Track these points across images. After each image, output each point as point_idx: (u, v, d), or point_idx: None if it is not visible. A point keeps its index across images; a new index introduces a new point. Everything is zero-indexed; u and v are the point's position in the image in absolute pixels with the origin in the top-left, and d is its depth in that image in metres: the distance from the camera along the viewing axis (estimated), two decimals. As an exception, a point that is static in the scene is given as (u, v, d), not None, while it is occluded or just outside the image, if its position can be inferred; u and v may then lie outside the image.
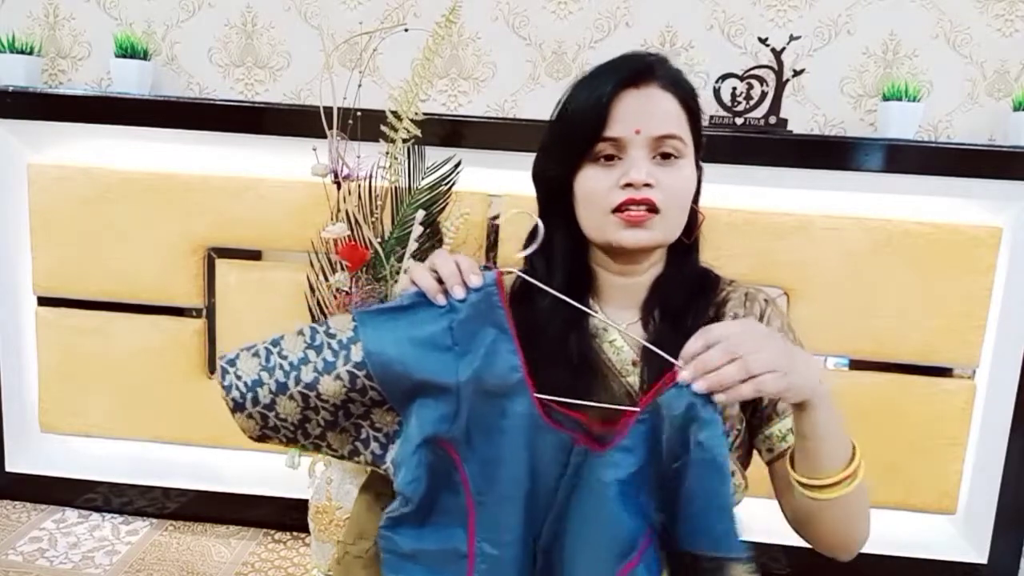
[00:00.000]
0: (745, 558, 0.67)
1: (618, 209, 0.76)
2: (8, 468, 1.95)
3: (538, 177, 0.86)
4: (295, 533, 1.87)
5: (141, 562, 1.73)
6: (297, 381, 0.71)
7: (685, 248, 0.86)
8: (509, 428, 0.70)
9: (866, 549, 0.76)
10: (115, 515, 1.92)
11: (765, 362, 0.63)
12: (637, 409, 0.67)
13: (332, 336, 0.72)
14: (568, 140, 0.79)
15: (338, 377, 0.70)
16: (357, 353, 0.70)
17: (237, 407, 0.72)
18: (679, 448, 0.65)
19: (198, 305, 1.87)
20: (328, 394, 0.71)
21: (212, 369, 1.90)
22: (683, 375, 0.65)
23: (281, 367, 0.72)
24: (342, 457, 0.75)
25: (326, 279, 1.54)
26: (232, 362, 0.73)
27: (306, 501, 1.62)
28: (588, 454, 0.69)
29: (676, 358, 0.67)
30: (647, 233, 0.76)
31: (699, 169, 0.85)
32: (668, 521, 0.68)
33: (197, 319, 1.88)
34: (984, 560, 1.75)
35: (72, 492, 1.93)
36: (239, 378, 0.73)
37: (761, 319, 0.85)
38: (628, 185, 0.75)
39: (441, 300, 0.70)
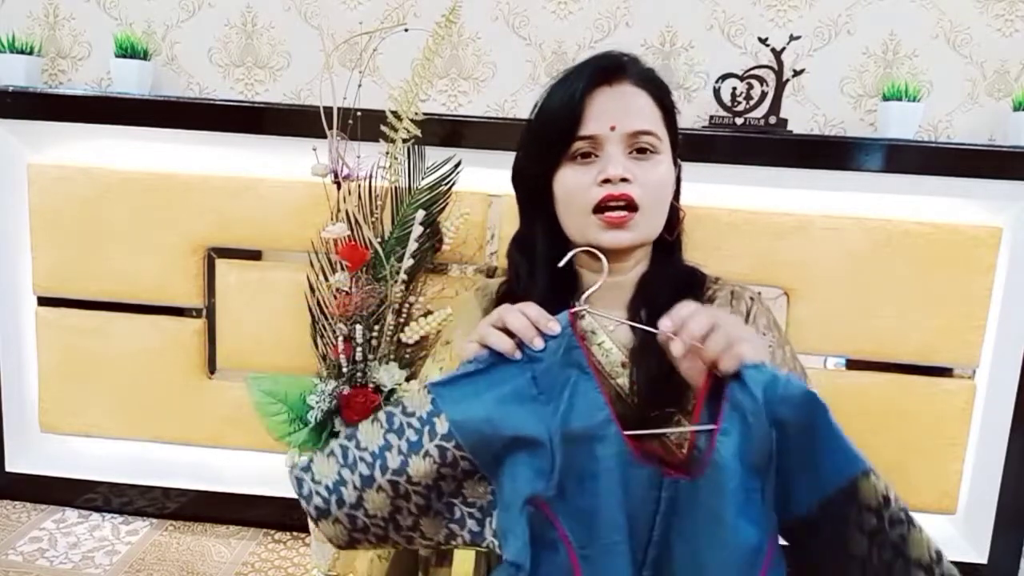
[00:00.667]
0: (870, 467, 0.65)
1: (598, 208, 0.76)
2: (8, 468, 1.95)
3: (517, 179, 0.87)
4: (295, 533, 1.87)
5: (141, 562, 1.73)
6: (384, 470, 0.67)
7: (669, 245, 0.86)
8: (602, 472, 0.67)
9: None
10: (115, 515, 1.92)
11: (746, 338, 0.64)
12: (714, 427, 0.66)
13: (411, 415, 0.68)
14: (544, 140, 0.80)
15: (427, 455, 0.67)
16: (442, 425, 0.67)
17: (321, 514, 0.69)
18: (767, 428, 0.64)
19: (198, 305, 1.87)
20: (419, 475, 0.67)
21: (212, 369, 1.90)
22: (675, 346, 0.66)
23: (363, 459, 0.68)
24: (438, 544, 0.71)
25: (326, 279, 1.54)
26: (306, 468, 0.70)
27: (306, 501, 1.62)
28: (680, 484, 0.67)
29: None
30: (628, 234, 0.77)
31: (677, 166, 0.85)
32: (784, 500, 0.65)
33: (197, 319, 1.88)
34: (984, 560, 1.75)
35: (72, 492, 1.93)
36: (318, 483, 0.69)
37: (747, 317, 0.85)
38: (606, 181, 0.76)
39: (518, 355, 0.67)
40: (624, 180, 0.76)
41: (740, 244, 1.66)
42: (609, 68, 0.79)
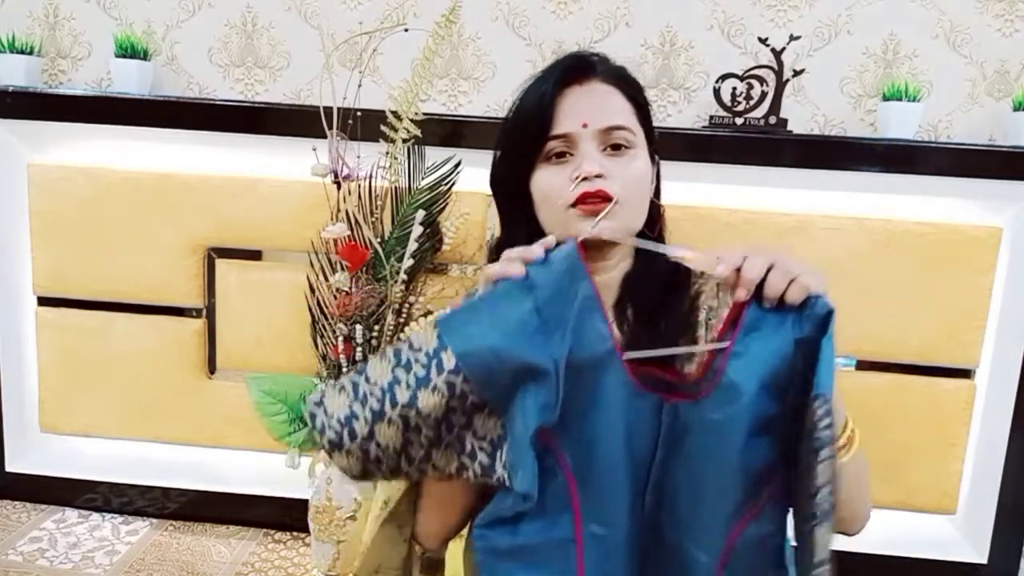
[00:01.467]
0: (829, 397, 0.64)
1: (576, 203, 0.76)
2: (8, 468, 1.95)
3: (495, 184, 0.87)
4: (295, 533, 1.87)
5: (141, 562, 1.73)
6: (393, 404, 0.67)
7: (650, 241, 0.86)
8: (604, 402, 0.67)
9: (866, 549, 0.76)
10: (115, 515, 1.92)
11: (805, 269, 0.65)
12: (726, 344, 0.66)
13: (418, 350, 0.68)
14: (518, 142, 0.80)
15: (435, 389, 0.67)
16: (449, 360, 0.66)
17: (334, 446, 0.69)
18: (788, 357, 0.64)
19: (198, 305, 1.87)
20: (428, 408, 0.67)
21: (212, 369, 1.90)
22: (739, 293, 0.66)
23: (372, 394, 0.68)
24: (450, 477, 0.71)
25: (326, 279, 1.54)
26: (319, 403, 0.70)
27: (306, 501, 1.62)
28: (680, 409, 0.67)
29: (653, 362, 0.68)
30: (607, 223, 0.76)
31: (655, 162, 0.85)
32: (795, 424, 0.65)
33: (197, 319, 1.88)
34: (984, 560, 1.75)
35: (72, 492, 1.93)
36: (330, 416, 0.69)
37: None
38: (582, 179, 0.75)
39: (519, 269, 0.67)
40: (599, 176, 0.76)
41: (740, 244, 1.66)
42: (578, 67, 0.80)
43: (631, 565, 0.70)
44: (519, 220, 0.84)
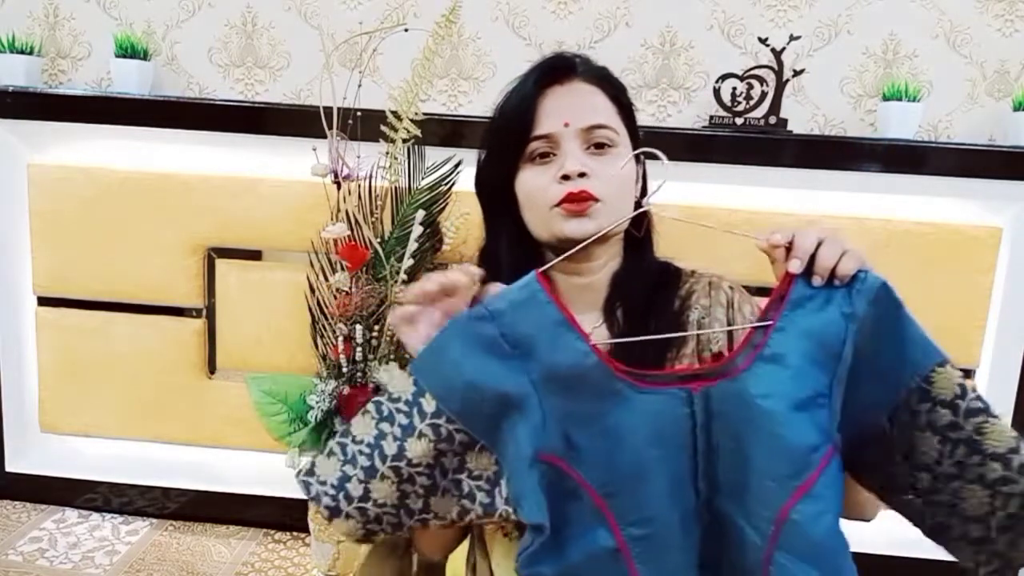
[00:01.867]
0: (947, 357, 0.65)
1: (559, 204, 0.76)
2: (8, 468, 1.95)
3: (480, 186, 0.86)
4: (295, 533, 1.87)
5: (141, 562, 1.73)
6: (383, 458, 0.67)
7: (638, 242, 0.85)
8: (608, 412, 0.66)
9: (866, 549, 0.76)
10: (115, 515, 1.92)
11: (851, 243, 0.66)
12: (769, 322, 0.66)
13: (397, 400, 0.68)
14: (501, 144, 0.80)
15: (421, 435, 0.67)
16: (429, 403, 0.67)
17: (333, 513, 0.69)
18: (837, 331, 0.64)
19: (198, 305, 1.87)
20: (417, 456, 0.67)
21: (212, 369, 1.90)
22: (792, 264, 0.66)
23: (362, 452, 0.68)
24: (453, 523, 0.70)
25: (326, 279, 1.54)
26: (310, 471, 0.70)
27: (306, 501, 1.62)
28: (713, 392, 0.66)
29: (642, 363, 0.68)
30: (591, 222, 0.76)
31: (640, 163, 0.85)
32: (852, 413, 0.65)
33: (197, 319, 1.88)
34: (984, 560, 1.75)
35: (72, 492, 1.93)
36: (323, 483, 0.69)
37: (730, 306, 0.84)
38: (564, 178, 0.75)
39: (432, 285, 0.70)
40: (583, 175, 0.75)
41: (740, 244, 1.65)
42: (559, 67, 0.80)
43: (688, 554, 0.69)
44: (503, 222, 0.83)
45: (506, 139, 0.79)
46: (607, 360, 0.67)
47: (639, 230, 0.85)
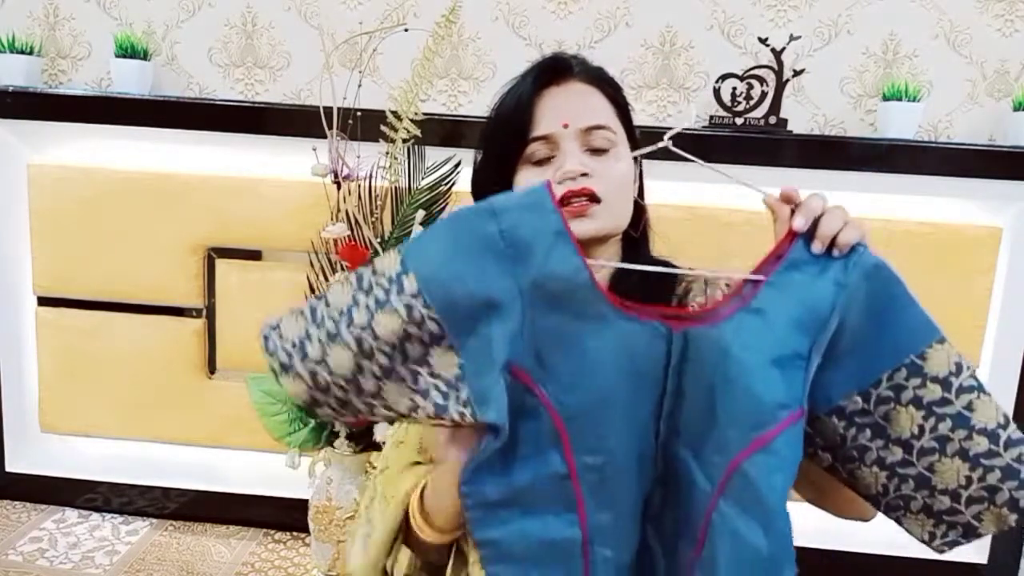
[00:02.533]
0: (944, 335, 0.65)
1: (559, 204, 0.76)
2: (8, 468, 1.95)
3: (477, 189, 0.86)
4: (295, 533, 1.87)
5: (141, 562, 1.73)
6: (349, 325, 0.64)
7: (635, 241, 0.85)
8: (587, 333, 0.65)
9: (867, 549, 0.76)
10: (115, 515, 1.92)
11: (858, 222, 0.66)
12: (761, 278, 0.65)
13: (381, 274, 0.65)
14: (499, 146, 0.79)
15: (393, 311, 0.64)
16: (411, 283, 0.64)
17: (284, 368, 0.66)
18: (827, 298, 0.63)
19: (198, 305, 1.87)
20: (384, 331, 0.64)
21: (212, 369, 1.90)
22: (797, 221, 0.66)
23: (331, 317, 0.65)
24: (400, 416, 0.68)
25: (326, 279, 1.54)
26: (275, 327, 0.67)
27: (306, 501, 1.62)
28: (692, 335, 0.65)
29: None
30: (592, 223, 0.76)
31: (638, 163, 0.85)
32: (823, 376, 0.64)
33: (197, 319, 1.88)
34: (984, 560, 1.75)
35: (72, 492, 1.93)
36: (284, 339, 0.66)
37: None
38: (566, 178, 0.75)
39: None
40: (583, 175, 0.75)
41: (740, 244, 1.66)
42: (556, 68, 0.79)
43: (635, 494, 0.68)
44: None
45: (504, 141, 0.79)
46: (598, 282, 0.66)
47: (636, 229, 0.85)
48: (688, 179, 1.58)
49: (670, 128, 0.84)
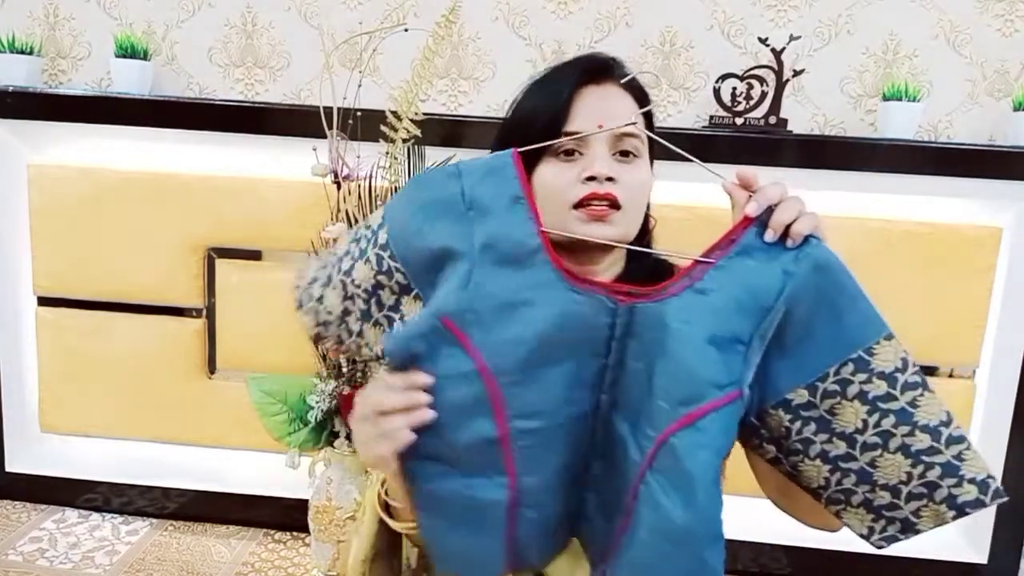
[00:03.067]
0: (891, 331, 0.65)
1: (580, 204, 0.75)
2: (8, 468, 1.95)
3: None
4: (295, 533, 1.87)
5: (141, 562, 1.73)
6: (339, 270, 0.74)
7: (640, 245, 0.86)
8: (533, 299, 0.66)
9: (867, 549, 0.76)
10: (115, 515, 1.92)
11: (814, 211, 0.67)
12: (711, 260, 0.66)
13: (368, 227, 0.74)
14: (528, 135, 0.79)
15: (367, 261, 0.72)
16: (383, 236, 0.71)
17: (297, 305, 0.77)
18: (774, 285, 0.64)
19: (198, 305, 1.87)
20: (360, 278, 0.73)
21: (212, 369, 1.90)
22: (750, 206, 0.67)
23: (331, 263, 0.76)
24: (377, 357, 0.74)
25: (326, 279, 1.54)
26: (302, 272, 0.78)
27: (306, 501, 1.62)
28: (638, 309, 0.67)
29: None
30: (611, 229, 0.76)
31: (652, 174, 0.85)
32: (766, 369, 0.65)
33: (197, 319, 1.88)
34: (984, 560, 1.75)
35: (72, 492, 1.93)
36: (301, 279, 0.77)
37: None
38: (590, 179, 0.75)
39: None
40: (609, 179, 0.75)
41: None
42: (597, 68, 0.79)
43: (567, 459, 0.69)
44: None
45: (535, 131, 0.78)
46: (550, 250, 0.68)
47: (642, 239, 0.85)
48: (688, 179, 1.58)
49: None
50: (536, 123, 0.78)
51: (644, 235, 0.85)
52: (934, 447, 0.64)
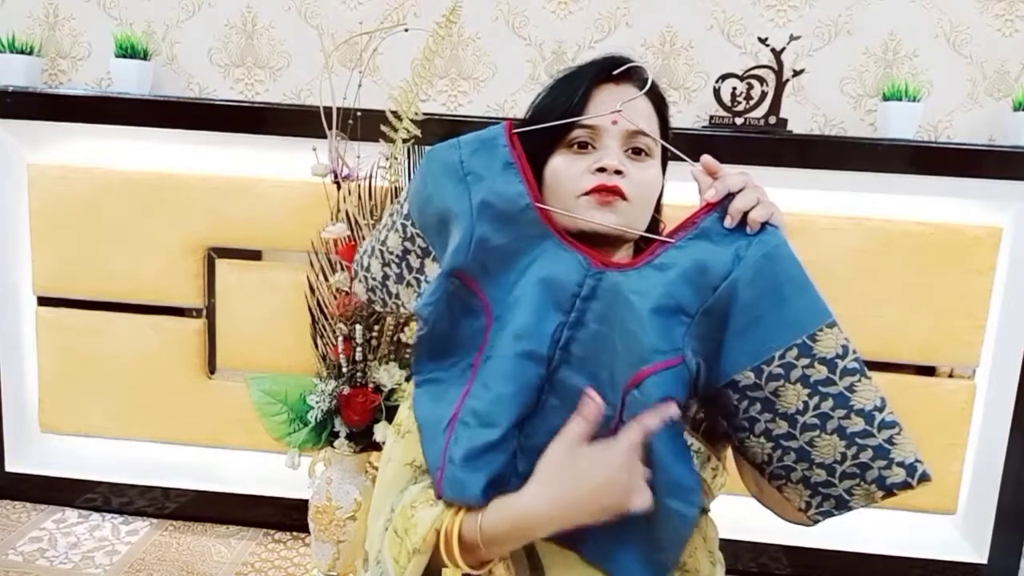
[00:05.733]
0: (835, 318, 0.68)
1: (587, 194, 0.77)
2: (8, 468, 1.95)
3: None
4: (295, 533, 1.87)
5: (141, 562, 1.73)
6: (379, 241, 0.86)
7: (647, 243, 0.87)
8: (523, 250, 0.76)
9: (867, 549, 0.76)
10: (115, 515, 1.92)
11: (774, 203, 0.72)
12: (671, 240, 0.72)
13: (399, 201, 0.85)
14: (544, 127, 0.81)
15: (396, 230, 0.84)
16: (406, 207, 0.83)
17: (353, 274, 0.91)
18: (724, 266, 0.68)
19: (198, 305, 1.87)
20: (392, 246, 0.84)
21: (212, 369, 1.90)
22: (709, 192, 0.72)
23: (375, 236, 0.88)
24: (412, 315, 0.83)
25: (326, 279, 1.54)
26: (361, 248, 0.91)
27: (306, 501, 1.62)
28: (605, 276, 0.73)
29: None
30: (615, 216, 0.78)
31: (664, 176, 0.87)
32: (716, 350, 0.69)
33: (197, 319, 1.88)
34: (984, 560, 1.75)
35: (72, 492, 1.93)
36: (361, 249, 0.90)
37: None
38: (600, 170, 0.77)
39: None
40: (619, 173, 0.77)
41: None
42: (617, 67, 0.82)
43: (518, 386, 0.74)
44: None
45: (551, 121, 0.81)
46: (539, 208, 0.76)
47: (648, 241, 0.86)
48: (688, 179, 1.58)
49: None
50: (553, 115, 0.80)
51: (652, 230, 0.86)
52: (867, 430, 0.68)
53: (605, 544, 0.74)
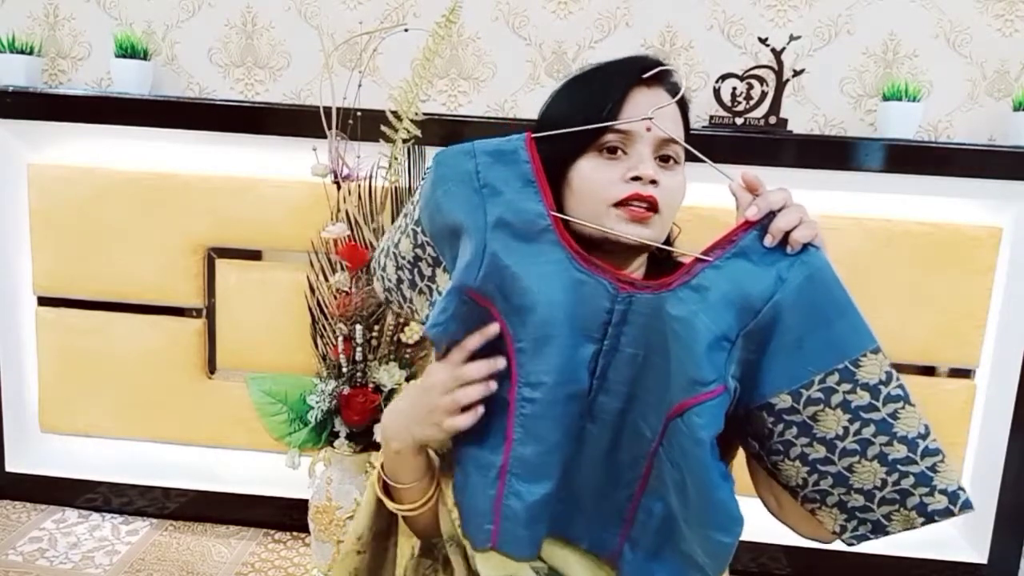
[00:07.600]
0: (879, 344, 0.67)
1: (621, 203, 0.75)
2: (8, 468, 1.95)
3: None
4: (295, 533, 1.87)
5: (141, 562, 1.73)
6: (391, 242, 0.83)
7: (661, 255, 0.86)
8: (541, 274, 0.71)
9: (867, 549, 0.76)
10: (115, 515, 1.92)
11: (815, 221, 0.69)
12: (708, 259, 0.68)
13: (413, 203, 0.80)
14: (574, 126, 0.78)
15: (407, 235, 0.79)
16: (417, 212, 0.78)
17: (372, 271, 0.87)
18: (766, 288, 0.66)
19: (198, 305, 1.87)
20: (403, 251, 0.80)
21: (212, 369, 1.90)
22: (751, 210, 0.68)
23: (391, 235, 0.83)
24: (424, 323, 0.79)
25: (326, 279, 1.54)
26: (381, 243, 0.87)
27: (306, 501, 1.62)
28: (636, 299, 0.70)
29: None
30: (649, 231, 0.76)
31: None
32: (753, 371, 0.67)
33: (197, 319, 1.88)
34: (984, 560, 1.75)
35: (72, 492, 1.93)
36: (378, 248, 0.86)
37: None
38: (635, 179, 0.75)
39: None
40: (654, 183, 0.75)
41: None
42: (650, 70, 0.79)
43: (560, 430, 0.72)
44: None
45: (582, 123, 0.77)
46: (559, 230, 0.72)
47: (665, 242, 0.86)
48: (688, 179, 1.58)
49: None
50: (585, 116, 0.76)
51: (667, 243, 0.85)
52: (910, 457, 0.66)
53: (641, 562, 0.74)
